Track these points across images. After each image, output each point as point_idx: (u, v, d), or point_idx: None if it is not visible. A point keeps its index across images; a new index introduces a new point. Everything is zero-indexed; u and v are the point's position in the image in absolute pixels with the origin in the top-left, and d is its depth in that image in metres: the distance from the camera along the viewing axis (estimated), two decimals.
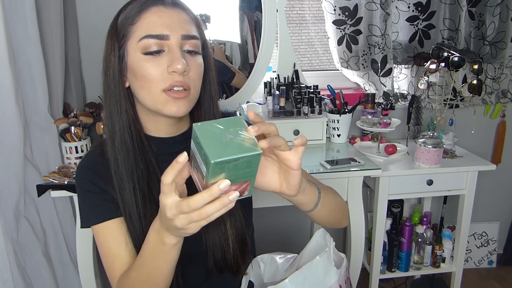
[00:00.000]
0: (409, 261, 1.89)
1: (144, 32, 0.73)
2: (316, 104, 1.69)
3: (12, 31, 1.30)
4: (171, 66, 0.73)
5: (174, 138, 0.86)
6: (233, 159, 0.52)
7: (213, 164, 0.51)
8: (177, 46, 0.74)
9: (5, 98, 1.25)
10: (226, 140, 0.54)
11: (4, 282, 1.24)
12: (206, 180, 0.54)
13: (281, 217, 2.11)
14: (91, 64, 1.74)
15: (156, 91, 0.75)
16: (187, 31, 0.75)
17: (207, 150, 0.52)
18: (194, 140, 0.56)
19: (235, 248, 0.84)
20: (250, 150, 0.54)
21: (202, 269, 0.86)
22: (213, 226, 0.83)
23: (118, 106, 0.78)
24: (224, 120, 0.57)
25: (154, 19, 0.73)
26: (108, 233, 0.81)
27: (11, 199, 1.32)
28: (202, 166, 0.54)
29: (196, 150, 0.55)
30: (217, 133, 0.55)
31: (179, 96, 0.75)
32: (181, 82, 0.74)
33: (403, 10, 1.86)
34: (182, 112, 0.77)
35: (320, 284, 0.75)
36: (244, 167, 0.55)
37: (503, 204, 2.30)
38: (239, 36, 1.85)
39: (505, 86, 2.03)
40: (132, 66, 0.75)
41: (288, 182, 0.66)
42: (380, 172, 1.52)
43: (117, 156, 0.79)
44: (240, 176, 0.56)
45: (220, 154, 0.51)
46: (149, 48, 0.73)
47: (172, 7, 0.75)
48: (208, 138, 0.53)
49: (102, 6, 1.68)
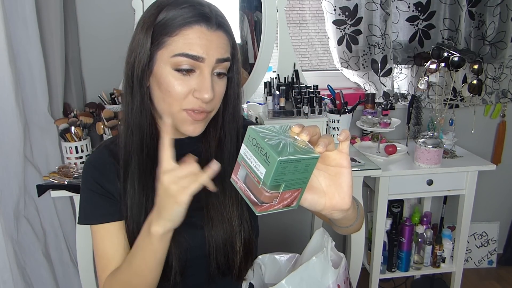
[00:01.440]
0: (409, 261, 1.89)
1: (180, 49, 0.70)
2: (316, 104, 1.69)
3: (12, 31, 1.30)
4: (199, 92, 0.72)
5: (183, 140, 0.85)
6: (295, 159, 0.51)
7: (278, 162, 0.49)
8: (209, 71, 0.72)
9: (5, 98, 1.25)
10: (284, 143, 0.53)
11: (4, 282, 1.24)
12: (264, 184, 0.52)
13: (281, 217, 2.11)
14: (91, 64, 1.74)
15: (177, 108, 0.74)
16: (222, 54, 0.73)
17: (269, 149, 0.51)
18: (247, 143, 0.54)
19: (241, 254, 0.84)
20: (310, 152, 0.53)
21: (204, 272, 0.86)
22: (218, 230, 0.83)
23: (140, 105, 0.77)
24: (277, 126, 0.57)
25: (193, 39, 0.70)
26: (106, 235, 0.81)
27: (11, 199, 1.32)
28: (258, 169, 0.53)
29: (251, 153, 0.54)
30: (274, 135, 0.54)
31: (199, 118, 0.75)
32: (203, 109, 0.74)
33: (403, 10, 1.86)
34: (197, 132, 0.77)
35: (317, 284, 0.74)
36: (301, 171, 0.53)
37: (503, 204, 2.30)
38: (239, 36, 1.84)
39: (505, 86, 2.03)
40: (159, 77, 0.73)
41: (341, 188, 0.61)
42: (380, 172, 1.52)
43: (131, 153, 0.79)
44: (296, 181, 0.55)
45: (282, 153, 0.50)
46: (180, 65, 0.71)
47: (215, 30, 0.72)
48: (266, 139, 0.52)
49: (102, 6, 1.69)
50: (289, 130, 0.57)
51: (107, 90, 1.67)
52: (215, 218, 0.83)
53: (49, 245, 1.54)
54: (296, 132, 0.56)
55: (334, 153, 0.60)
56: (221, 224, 0.83)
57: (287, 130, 0.57)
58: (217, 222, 0.83)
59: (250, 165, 0.54)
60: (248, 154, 0.54)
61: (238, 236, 0.83)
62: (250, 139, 0.54)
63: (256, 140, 0.53)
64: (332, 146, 0.59)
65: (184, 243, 0.81)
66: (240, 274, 0.87)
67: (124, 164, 0.80)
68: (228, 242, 0.83)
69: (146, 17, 0.74)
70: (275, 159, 0.49)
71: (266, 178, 0.51)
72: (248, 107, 1.74)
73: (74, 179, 1.37)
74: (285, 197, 0.55)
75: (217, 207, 0.83)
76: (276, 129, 0.56)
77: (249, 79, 1.83)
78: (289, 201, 0.57)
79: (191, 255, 0.83)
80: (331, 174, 0.61)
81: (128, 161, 0.79)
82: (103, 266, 0.81)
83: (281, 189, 0.54)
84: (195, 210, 0.85)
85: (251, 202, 0.56)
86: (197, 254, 0.83)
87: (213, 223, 0.83)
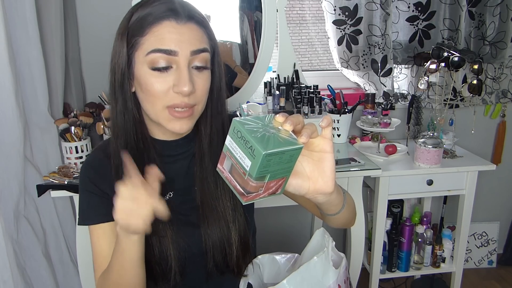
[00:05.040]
0: (409, 261, 1.89)
1: (152, 46, 0.71)
2: (316, 104, 1.69)
3: (12, 31, 1.30)
4: (177, 86, 0.72)
5: (177, 141, 0.86)
6: (280, 151, 0.52)
7: (263, 156, 0.50)
8: (185, 65, 0.72)
9: (5, 98, 1.25)
10: (268, 134, 0.54)
11: (4, 282, 1.24)
12: (250, 175, 0.53)
13: (281, 217, 2.11)
14: (91, 64, 1.74)
15: (159, 106, 0.74)
16: (196, 46, 0.73)
17: (254, 142, 0.51)
18: (233, 136, 0.55)
19: (237, 249, 0.84)
20: (293, 143, 0.54)
21: (202, 270, 0.86)
22: (214, 227, 0.83)
23: (123, 109, 0.79)
24: (261, 116, 0.57)
25: (164, 33, 0.71)
26: (103, 235, 0.82)
27: (11, 199, 1.32)
28: (243, 161, 0.54)
29: (236, 145, 0.55)
30: (259, 127, 0.55)
31: (182, 116, 0.75)
32: (185, 103, 0.73)
33: (403, 10, 1.86)
34: (185, 129, 0.77)
35: (318, 284, 0.74)
36: (286, 162, 0.55)
37: (503, 204, 2.30)
38: (239, 36, 1.84)
39: (505, 86, 2.03)
40: (139, 78, 0.74)
41: (324, 172, 0.63)
42: (380, 172, 1.52)
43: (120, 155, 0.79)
44: (281, 171, 0.56)
45: (267, 146, 0.51)
46: (156, 63, 0.72)
47: (185, 23, 0.72)
48: (251, 132, 0.53)
49: (102, 6, 1.69)
50: (273, 120, 0.58)
51: (107, 90, 1.66)
52: (210, 216, 0.83)
53: (49, 245, 1.54)
54: (280, 122, 0.57)
55: (317, 139, 0.61)
56: (216, 222, 0.84)
57: (271, 120, 0.57)
58: (212, 220, 0.83)
59: (235, 156, 0.55)
60: (233, 145, 0.55)
61: (233, 230, 0.84)
62: (235, 132, 0.55)
63: (241, 133, 0.53)
64: (315, 134, 0.60)
65: (182, 243, 0.82)
66: (239, 270, 0.87)
67: (115, 168, 0.81)
68: (224, 237, 0.84)
69: (121, 24, 0.76)
70: (260, 152, 0.50)
71: (251, 170, 0.53)
72: (248, 107, 1.74)
73: (74, 179, 1.37)
74: (270, 186, 0.57)
75: (211, 204, 0.84)
76: (260, 119, 0.57)
77: (249, 79, 1.83)
78: (274, 189, 0.58)
79: (189, 254, 0.83)
80: (314, 159, 0.63)
81: (118, 165, 0.80)
82: (99, 264, 0.83)
83: (266, 179, 0.55)
84: (191, 209, 0.85)
85: (237, 192, 0.57)
86: (194, 252, 0.84)
87: (208, 221, 0.83)
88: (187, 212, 0.85)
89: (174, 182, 0.85)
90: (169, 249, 0.80)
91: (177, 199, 0.84)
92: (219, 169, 0.59)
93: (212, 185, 0.84)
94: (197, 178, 0.84)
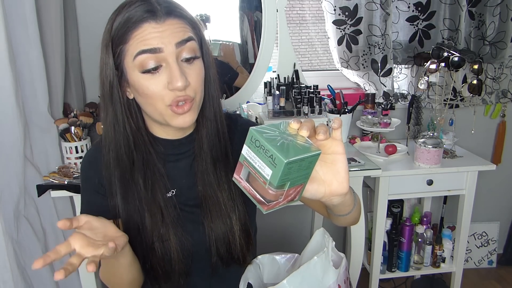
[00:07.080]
0: (409, 261, 1.89)
1: (136, 49, 0.71)
2: (316, 104, 1.69)
3: (12, 31, 1.30)
4: (171, 83, 0.72)
5: (180, 140, 0.86)
6: (300, 159, 0.52)
7: (285, 164, 0.50)
8: (173, 60, 0.72)
9: (5, 98, 1.25)
10: (287, 142, 0.54)
11: (4, 282, 1.24)
12: (271, 184, 0.53)
13: (281, 217, 2.11)
14: (91, 64, 1.74)
15: (162, 106, 0.74)
16: (180, 37, 0.72)
17: (275, 151, 0.51)
18: (250, 145, 0.55)
19: (240, 237, 0.85)
20: (312, 150, 0.54)
21: (206, 265, 0.88)
22: (217, 221, 0.84)
23: (114, 120, 0.79)
24: (276, 124, 0.57)
25: (145, 35, 0.71)
26: None
27: (11, 199, 1.32)
28: (263, 170, 0.54)
29: (255, 154, 0.54)
30: (276, 135, 0.54)
31: (184, 110, 0.75)
32: (183, 97, 0.74)
33: (403, 10, 1.86)
34: (189, 122, 0.77)
35: (318, 284, 0.74)
36: (305, 168, 0.55)
37: (503, 204, 2.30)
38: (239, 36, 1.85)
39: (505, 86, 2.03)
40: (133, 84, 0.74)
41: (338, 174, 0.63)
42: (380, 172, 1.52)
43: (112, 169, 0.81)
44: (299, 178, 0.56)
45: (288, 154, 0.51)
46: (145, 65, 0.71)
47: (165, 20, 0.71)
48: (270, 140, 0.53)
49: (102, 6, 1.68)
50: (288, 126, 0.58)
51: None
52: (212, 210, 0.85)
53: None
54: (295, 128, 0.57)
55: (328, 141, 0.61)
56: (219, 214, 0.85)
57: (286, 127, 0.57)
58: (215, 214, 0.84)
59: (254, 166, 0.55)
60: (252, 155, 0.55)
61: (234, 219, 0.85)
62: (253, 141, 0.54)
63: (259, 142, 0.53)
64: (327, 134, 0.61)
65: (186, 243, 0.83)
66: (244, 259, 0.88)
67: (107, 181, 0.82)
68: (227, 228, 0.85)
69: (103, 35, 0.76)
70: (282, 161, 0.50)
71: (273, 179, 0.53)
72: (248, 107, 1.74)
73: (74, 179, 1.37)
74: (290, 193, 0.57)
75: (213, 197, 0.85)
76: (276, 127, 0.57)
77: (249, 79, 1.83)
78: (292, 196, 0.58)
79: (193, 252, 0.85)
80: (327, 162, 0.63)
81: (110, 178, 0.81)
82: None
83: (286, 187, 0.55)
84: (193, 206, 0.86)
85: (257, 201, 0.57)
86: (198, 250, 0.85)
87: (212, 215, 0.84)
88: (191, 210, 0.86)
89: (177, 180, 0.86)
90: (173, 251, 0.81)
91: (180, 197, 0.85)
92: (235, 179, 0.59)
93: (212, 176, 0.84)
94: (198, 172, 0.85)
